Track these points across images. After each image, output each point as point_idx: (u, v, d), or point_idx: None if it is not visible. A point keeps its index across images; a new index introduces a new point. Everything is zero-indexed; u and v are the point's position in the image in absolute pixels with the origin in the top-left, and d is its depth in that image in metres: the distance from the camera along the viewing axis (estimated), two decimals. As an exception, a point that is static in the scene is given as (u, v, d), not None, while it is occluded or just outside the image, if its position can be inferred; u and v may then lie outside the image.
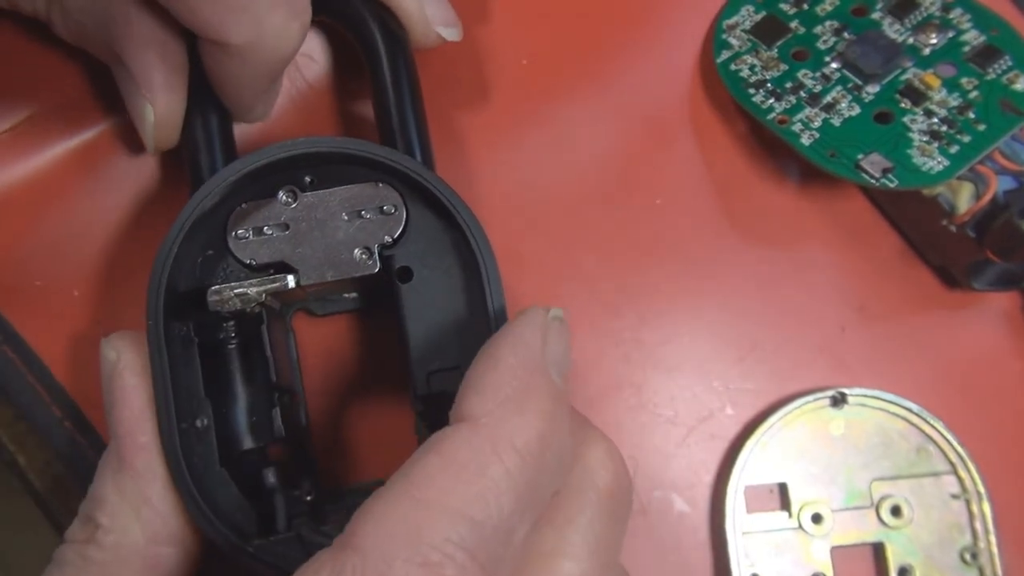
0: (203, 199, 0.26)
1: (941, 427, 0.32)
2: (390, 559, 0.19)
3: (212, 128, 0.29)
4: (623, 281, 0.33)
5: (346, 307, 0.32)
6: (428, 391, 0.27)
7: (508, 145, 0.34)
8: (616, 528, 0.24)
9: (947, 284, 0.34)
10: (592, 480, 0.24)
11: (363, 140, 0.27)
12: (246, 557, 0.25)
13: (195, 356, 0.27)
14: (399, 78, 0.30)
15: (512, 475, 0.21)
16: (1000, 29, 0.32)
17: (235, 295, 0.27)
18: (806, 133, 0.32)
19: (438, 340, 0.28)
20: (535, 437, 0.22)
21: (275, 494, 0.28)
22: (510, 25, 0.35)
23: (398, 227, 0.28)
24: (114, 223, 0.32)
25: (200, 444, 0.27)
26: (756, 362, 0.33)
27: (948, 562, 0.31)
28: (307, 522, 0.27)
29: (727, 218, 0.34)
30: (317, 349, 0.32)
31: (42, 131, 0.32)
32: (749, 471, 0.31)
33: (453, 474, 0.21)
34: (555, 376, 0.23)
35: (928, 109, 0.31)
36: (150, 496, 0.25)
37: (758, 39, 0.34)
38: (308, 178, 0.28)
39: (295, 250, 0.27)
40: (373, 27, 0.30)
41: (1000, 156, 0.31)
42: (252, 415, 0.28)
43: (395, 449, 0.30)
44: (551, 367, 0.23)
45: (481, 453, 0.21)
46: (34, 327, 0.31)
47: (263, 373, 0.29)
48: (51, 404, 0.31)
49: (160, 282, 0.26)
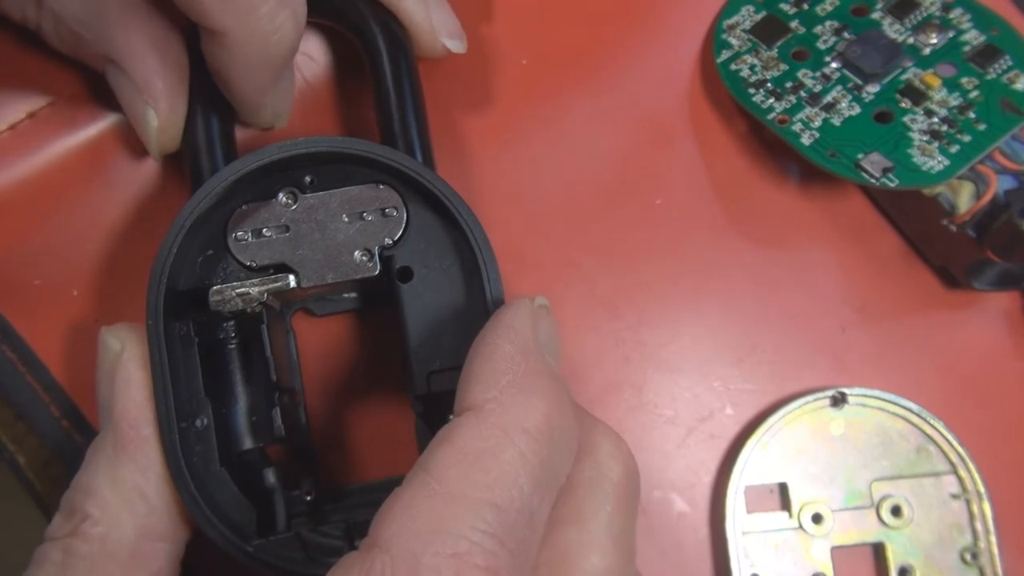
0: (202, 199, 0.26)
1: (941, 427, 0.32)
2: (419, 553, 0.20)
3: (213, 129, 0.29)
4: (623, 281, 0.33)
5: (346, 307, 0.32)
6: (428, 391, 0.27)
7: (508, 145, 0.34)
8: (632, 518, 0.24)
9: (947, 284, 0.34)
10: (605, 474, 0.24)
11: (364, 140, 0.27)
12: (245, 557, 0.25)
13: (195, 356, 0.27)
14: (400, 79, 0.30)
15: (526, 456, 0.21)
16: (1000, 29, 0.32)
17: (237, 295, 0.27)
18: (806, 133, 0.32)
19: (438, 340, 0.28)
20: (542, 417, 0.22)
21: (275, 494, 0.28)
22: (510, 25, 0.35)
23: (399, 228, 0.28)
24: (114, 223, 0.32)
25: (200, 444, 0.26)
26: (756, 362, 0.33)
27: (948, 562, 0.31)
28: (306, 522, 0.27)
29: (727, 218, 0.34)
30: (317, 349, 0.32)
31: (42, 131, 0.32)
32: (749, 471, 0.31)
33: (469, 463, 0.21)
34: (550, 359, 0.24)
35: (928, 109, 0.31)
36: (146, 490, 0.25)
37: (758, 39, 0.34)
38: (308, 178, 0.28)
39: (295, 252, 0.27)
40: (375, 28, 0.30)
41: (1000, 156, 0.31)
42: (252, 415, 0.28)
43: (395, 449, 0.31)
44: (545, 352, 0.24)
45: (493, 439, 0.21)
46: (33, 327, 0.31)
47: (263, 373, 0.29)
48: (50, 403, 0.31)
49: (160, 281, 0.26)
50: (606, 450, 0.24)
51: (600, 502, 0.24)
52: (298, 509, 0.29)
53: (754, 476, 0.31)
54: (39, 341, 0.31)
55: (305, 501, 0.29)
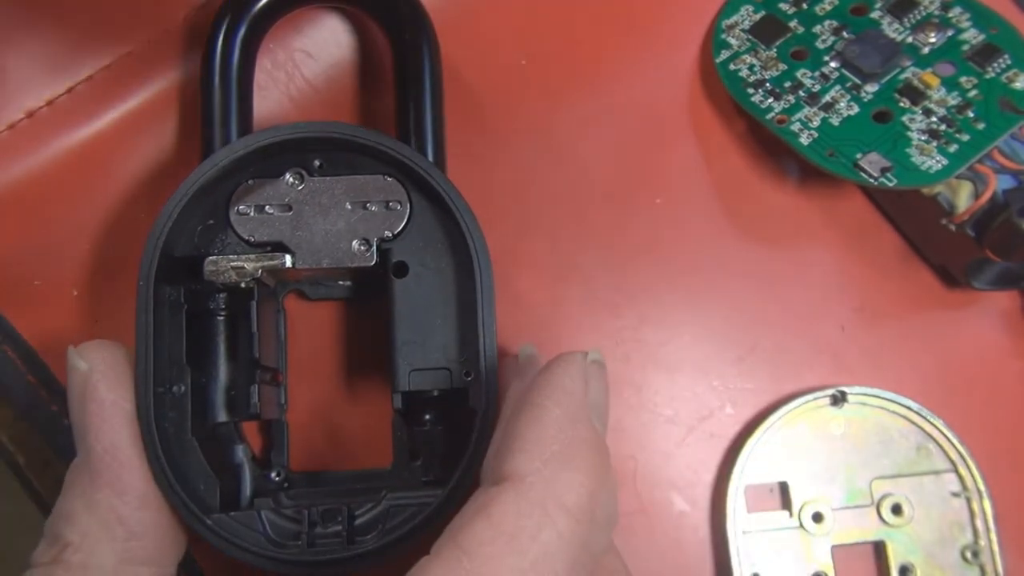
0: (209, 169, 0.27)
1: (941, 425, 0.32)
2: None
3: (230, 103, 0.29)
4: (623, 281, 0.33)
5: (339, 294, 0.32)
6: (408, 388, 0.27)
7: (508, 145, 0.34)
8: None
9: (947, 283, 0.34)
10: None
11: (377, 131, 0.28)
12: (203, 529, 0.25)
13: (181, 322, 0.27)
14: (423, 75, 0.30)
15: (564, 538, 0.20)
16: (999, 28, 0.32)
17: (231, 267, 0.27)
18: (805, 132, 0.32)
19: (424, 339, 0.28)
20: (586, 495, 0.21)
21: (242, 470, 0.28)
22: (510, 25, 0.35)
23: (400, 223, 0.28)
24: (114, 223, 0.32)
25: (174, 410, 0.26)
26: (756, 361, 0.33)
27: (949, 560, 0.31)
28: (270, 503, 0.27)
29: (727, 218, 0.34)
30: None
31: (41, 131, 0.32)
32: (750, 470, 0.31)
33: (505, 541, 0.20)
34: (596, 423, 0.23)
35: (927, 108, 0.31)
36: (124, 514, 0.24)
37: (757, 39, 0.34)
38: (318, 162, 0.28)
39: (294, 232, 0.28)
40: (403, 17, 0.30)
41: (999, 155, 0.30)
42: (230, 389, 0.28)
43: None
44: (593, 416, 0.23)
45: (531, 517, 0.20)
46: (33, 327, 0.31)
47: (247, 349, 0.29)
48: (50, 403, 0.31)
49: (156, 244, 0.26)
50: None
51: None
52: (264, 488, 0.29)
53: (754, 475, 0.31)
54: (39, 341, 0.31)
55: (273, 481, 0.29)
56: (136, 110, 0.32)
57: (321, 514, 0.26)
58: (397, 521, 0.26)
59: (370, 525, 0.27)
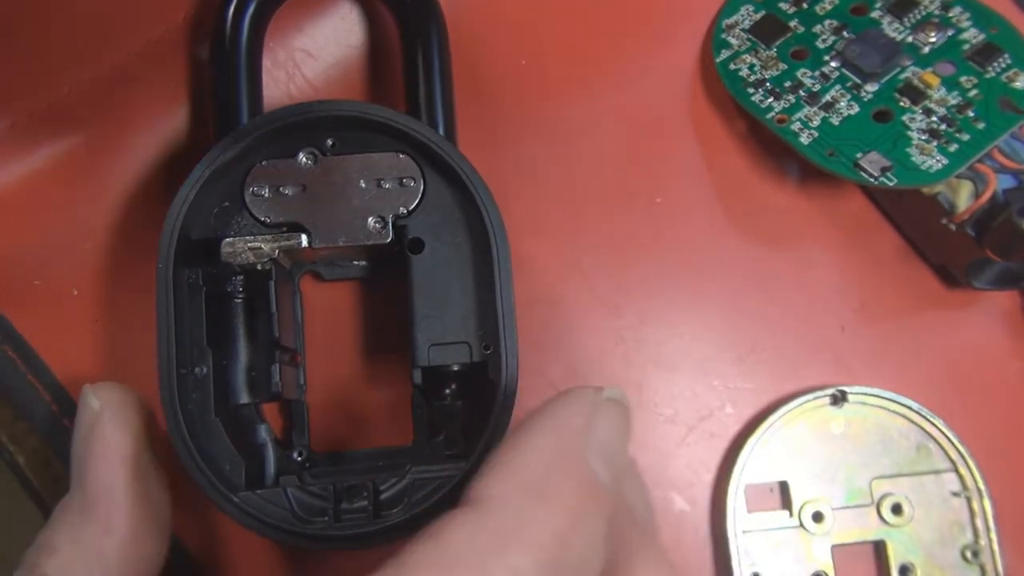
0: (223, 151, 0.27)
1: (941, 425, 0.32)
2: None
3: (241, 84, 0.29)
4: (623, 280, 0.33)
5: (355, 274, 0.32)
6: (428, 363, 0.28)
7: (508, 145, 0.34)
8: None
9: (947, 283, 0.34)
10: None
11: (388, 107, 0.28)
12: (231, 507, 0.26)
13: (201, 304, 0.27)
14: (431, 51, 0.30)
15: (515, 575, 0.18)
16: (999, 27, 0.32)
17: (248, 248, 0.27)
18: (805, 132, 0.32)
19: (443, 313, 0.28)
20: (551, 535, 0.18)
21: (266, 449, 0.28)
22: (510, 25, 0.35)
23: (414, 199, 0.28)
24: (114, 223, 0.32)
25: (197, 392, 0.27)
26: (756, 361, 0.33)
27: (949, 560, 0.31)
28: (295, 480, 0.27)
29: (727, 217, 0.34)
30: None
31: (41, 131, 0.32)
32: (749, 470, 0.31)
33: (446, 568, 0.18)
34: (599, 467, 0.20)
35: (927, 108, 0.31)
36: (107, 553, 0.24)
37: (757, 38, 0.34)
38: (331, 142, 0.28)
39: (310, 212, 0.28)
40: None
41: (999, 154, 0.30)
42: (251, 371, 0.28)
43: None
44: (594, 456, 0.20)
45: (482, 545, 0.18)
46: (34, 327, 0.31)
47: (266, 330, 0.29)
48: (51, 403, 0.31)
49: (174, 227, 0.26)
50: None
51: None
52: (288, 468, 0.29)
53: (754, 475, 0.31)
54: (39, 341, 0.31)
55: (296, 461, 0.29)
56: (136, 110, 0.32)
57: (347, 489, 0.27)
58: (423, 494, 0.26)
59: (395, 499, 0.27)
